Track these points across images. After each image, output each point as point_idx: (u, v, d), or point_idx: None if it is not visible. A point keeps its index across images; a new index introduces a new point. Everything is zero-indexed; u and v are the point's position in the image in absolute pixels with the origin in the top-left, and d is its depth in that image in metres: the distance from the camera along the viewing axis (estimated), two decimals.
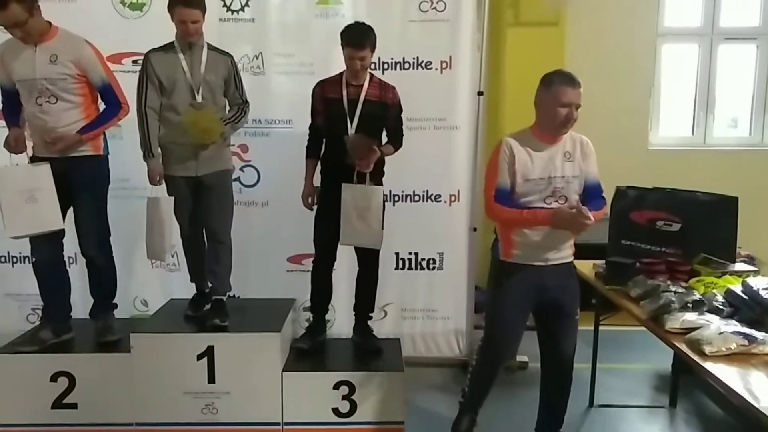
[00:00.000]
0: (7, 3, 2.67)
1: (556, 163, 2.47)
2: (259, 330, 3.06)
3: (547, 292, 2.54)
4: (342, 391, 3.01)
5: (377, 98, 3.05)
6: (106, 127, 3.02)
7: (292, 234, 3.73)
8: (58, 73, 2.83)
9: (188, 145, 2.97)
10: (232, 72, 3.08)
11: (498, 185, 2.47)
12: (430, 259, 3.80)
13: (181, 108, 2.96)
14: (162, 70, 2.96)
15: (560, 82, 2.39)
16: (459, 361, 3.86)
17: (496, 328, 2.67)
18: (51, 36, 2.86)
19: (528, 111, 3.89)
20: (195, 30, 2.90)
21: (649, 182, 3.28)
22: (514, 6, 4.39)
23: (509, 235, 2.54)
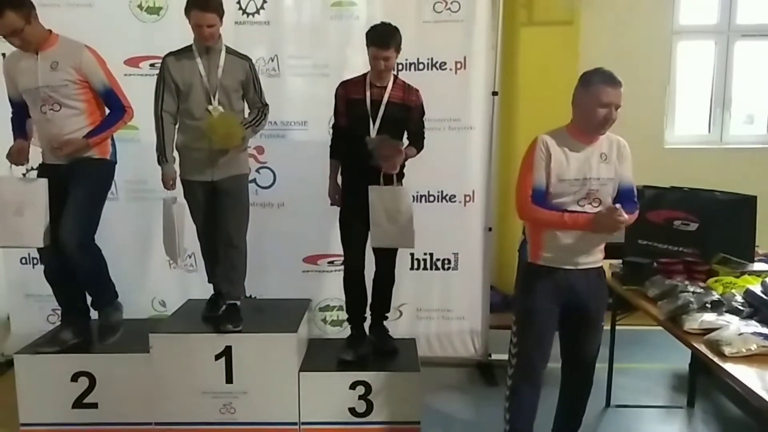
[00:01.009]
0: (2, 11, 2.66)
1: (592, 164, 2.39)
2: (275, 330, 3.09)
3: (575, 296, 2.45)
4: (358, 391, 3.03)
5: (400, 100, 3.03)
6: (112, 131, 2.99)
7: (308, 235, 3.77)
8: (59, 80, 2.82)
9: (205, 149, 2.96)
10: (250, 75, 3.05)
11: (534, 185, 2.38)
12: (445, 260, 3.80)
13: (198, 113, 2.95)
14: (178, 74, 2.95)
15: (600, 81, 2.31)
16: (474, 361, 3.86)
17: (528, 334, 2.53)
18: (51, 43, 2.85)
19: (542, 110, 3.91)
20: (211, 34, 2.88)
21: (665, 181, 3.27)
22: (527, 5, 4.37)
23: (539, 237, 2.46)
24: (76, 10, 3.55)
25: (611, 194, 2.43)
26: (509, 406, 2.60)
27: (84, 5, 3.56)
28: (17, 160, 2.91)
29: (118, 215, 3.68)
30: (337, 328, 3.88)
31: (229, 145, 2.93)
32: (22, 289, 3.80)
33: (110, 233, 3.70)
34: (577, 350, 2.59)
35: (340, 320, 3.88)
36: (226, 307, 3.14)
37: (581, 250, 2.44)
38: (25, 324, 3.71)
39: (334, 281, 3.79)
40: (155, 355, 3.02)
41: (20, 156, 2.91)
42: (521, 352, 2.56)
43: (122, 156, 3.49)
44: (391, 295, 3.27)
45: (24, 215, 2.84)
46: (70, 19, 3.53)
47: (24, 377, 3.06)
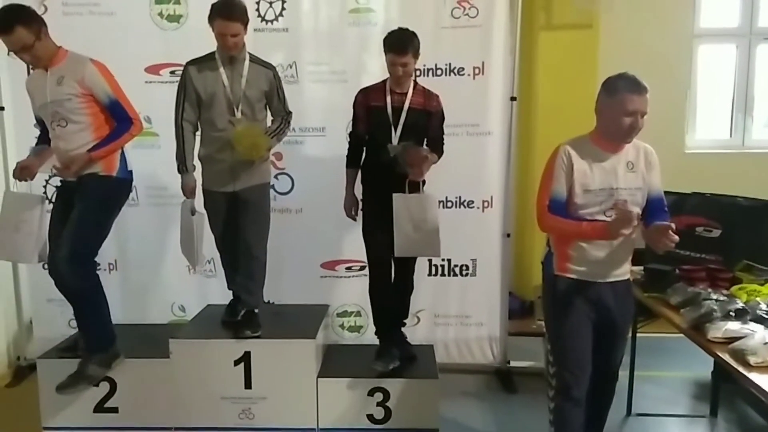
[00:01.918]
0: (12, 27, 2.62)
1: (618, 173, 2.29)
2: (294, 336, 3.09)
3: (605, 310, 2.36)
4: (377, 397, 3.02)
5: (421, 106, 2.99)
6: (119, 144, 2.84)
7: (326, 240, 3.78)
8: (64, 95, 2.75)
9: (227, 160, 2.93)
10: (274, 84, 3.02)
11: (553, 195, 2.30)
12: (463, 266, 3.79)
13: (220, 123, 2.92)
14: (200, 83, 2.91)
15: (625, 88, 2.20)
16: (493, 368, 3.84)
17: (567, 353, 2.39)
18: (60, 59, 2.78)
19: (561, 115, 3.89)
20: (235, 44, 2.83)
21: (686, 186, 3.23)
22: (546, 9, 4.35)
23: (565, 249, 2.36)
24: (98, 18, 3.61)
25: (640, 204, 2.31)
26: (556, 430, 2.48)
27: (106, 13, 3.61)
28: (20, 175, 2.87)
29: (138, 221, 3.73)
30: (355, 333, 3.89)
31: (254, 157, 2.90)
32: (44, 294, 3.84)
33: (130, 238, 3.79)
34: (602, 361, 2.46)
35: (357, 326, 3.89)
36: (244, 313, 3.14)
37: (611, 263, 2.34)
38: (47, 328, 3.76)
39: (351, 287, 3.80)
40: (175, 360, 3.04)
41: (23, 173, 2.86)
42: (562, 373, 2.41)
43: (142, 162, 3.54)
44: (409, 301, 3.24)
45: (20, 231, 2.84)
46: (93, 27, 3.61)
47: (46, 381, 3.08)
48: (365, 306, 3.52)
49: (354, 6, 3.62)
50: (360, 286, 3.59)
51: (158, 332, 3.31)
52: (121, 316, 3.37)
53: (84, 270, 2.80)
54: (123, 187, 2.95)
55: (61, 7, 3.60)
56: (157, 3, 3.61)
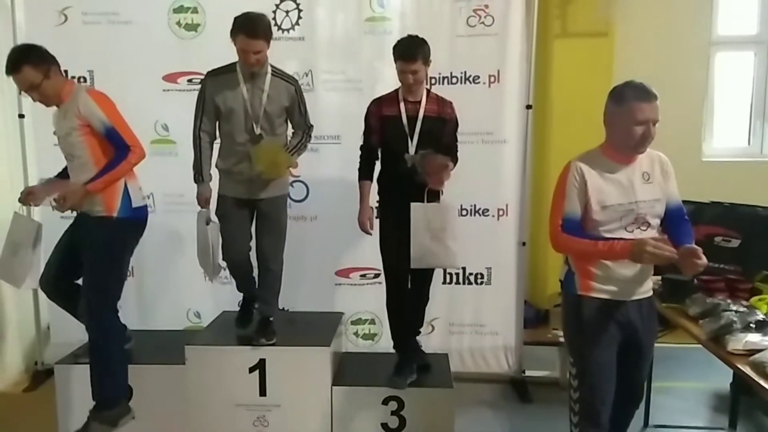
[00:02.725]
0: (20, 66, 2.64)
1: (635, 186, 2.18)
2: (309, 344, 3.10)
3: (632, 330, 2.24)
4: (391, 406, 3.02)
5: (436, 114, 2.95)
6: (116, 174, 2.71)
7: (340, 248, 3.78)
8: (67, 128, 2.72)
9: (245, 172, 2.91)
10: (296, 99, 2.97)
11: (566, 214, 2.19)
12: (478, 274, 3.77)
13: (239, 137, 2.89)
14: (220, 96, 2.87)
15: (634, 97, 2.10)
16: (508, 378, 3.82)
17: (593, 376, 2.25)
18: (68, 95, 2.75)
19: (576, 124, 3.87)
20: (257, 60, 2.77)
21: (703, 195, 3.20)
22: (561, 17, 4.33)
23: (588, 267, 2.23)
24: (117, 27, 3.66)
25: (660, 215, 2.24)
26: None
27: (125, 22, 3.66)
28: (24, 200, 2.89)
29: (154, 227, 3.72)
30: (369, 341, 3.89)
31: (274, 175, 2.88)
32: None
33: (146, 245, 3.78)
34: (627, 380, 2.33)
35: (371, 334, 3.89)
36: (260, 320, 3.14)
37: (635, 280, 2.22)
38: (64, 334, 3.78)
39: (366, 294, 3.80)
40: (190, 367, 3.05)
41: (28, 198, 2.88)
42: (588, 400, 2.28)
43: (160, 169, 3.61)
44: (424, 311, 3.20)
45: (16, 255, 2.83)
46: (112, 36, 3.66)
47: (63, 386, 3.12)
48: (379, 314, 3.51)
49: (370, 14, 3.64)
50: (374, 294, 3.60)
51: (174, 338, 3.33)
52: (137, 322, 3.40)
53: (100, 323, 2.76)
54: (127, 226, 2.83)
55: (80, 16, 3.66)
56: (175, 12, 3.65)
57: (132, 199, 2.81)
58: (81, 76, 3.70)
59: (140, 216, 2.89)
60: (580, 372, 2.30)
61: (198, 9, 3.65)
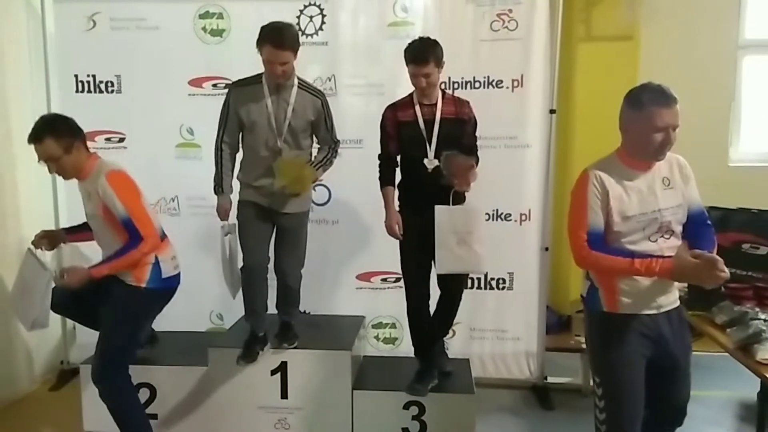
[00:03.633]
0: (42, 138, 2.58)
1: (657, 193, 2.09)
2: (330, 348, 3.11)
3: (663, 343, 2.14)
4: (412, 411, 3.02)
5: (454, 115, 2.88)
6: (123, 262, 2.65)
7: (362, 252, 3.79)
8: (91, 208, 2.71)
9: (266, 186, 2.86)
10: (322, 113, 2.89)
11: (590, 227, 2.07)
12: (500, 279, 3.75)
13: (262, 150, 2.83)
14: (244, 107, 2.80)
15: (652, 102, 1.98)
16: (530, 384, 3.79)
17: (621, 395, 2.15)
18: (89, 171, 2.70)
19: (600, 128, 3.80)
20: (284, 72, 2.69)
21: (730, 201, 3.15)
22: (585, 21, 4.30)
23: (613, 283, 2.13)
24: (144, 32, 3.71)
25: (682, 221, 2.15)
26: None
27: (151, 28, 3.71)
28: (37, 243, 2.86)
29: (178, 230, 3.77)
30: (390, 345, 3.88)
31: (298, 191, 2.80)
32: None
33: None
34: (668, 401, 2.23)
35: (392, 338, 3.88)
36: (281, 324, 3.14)
37: (661, 291, 2.12)
38: (90, 334, 3.81)
39: (387, 298, 3.80)
40: (213, 368, 3.08)
41: (42, 241, 2.86)
42: (614, 422, 2.17)
43: (184, 172, 3.66)
44: (454, 317, 3.09)
45: (24, 297, 2.80)
46: (139, 41, 3.72)
47: (89, 386, 3.15)
48: (400, 318, 3.50)
49: (393, 19, 3.64)
50: (395, 298, 3.59)
51: (196, 340, 3.37)
52: (160, 323, 3.42)
53: (112, 387, 2.74)
54: (155, 297, 2.80)
55: (108, 22, 3.72)
56: (201, 18, 3.70)
57: (162, 270, 2.76)
58: (108, 81, 3.77)
59: (170, 286, 2.84)
60: (608, 393, 2.18)
61: (223, 15, 3.69)
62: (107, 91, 3.78)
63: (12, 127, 3.73)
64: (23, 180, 3.82)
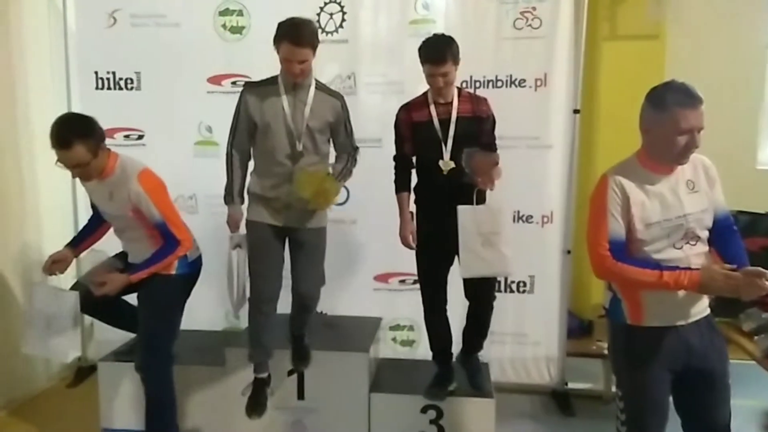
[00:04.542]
0: (71, 143, 2.50)
1: (681, 198, 1.99)
2: (347, 349, 3.08)
3: (694, 356, 2.03)
4: (429, 415, 2.98)
5: (470, 113, 2.75)
6: (161, 266, 2.71)
7: (379, 252, 3.75)
8: (116, 210, 2.68)
9: (281, 198, 2.67)
10: (342, 116, 2.72)
11: (611, 236, 1.97)
12: (521, 282, 3.69)
13: (278, 155, 2.64)
14: (257, 108, 2.63)
15: (676, 102, 1.88)
16: (549, 389, 3.73)
17: (644, 413, 2.07)
18: (110, 171, 2.66)
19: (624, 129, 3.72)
20: (302, 71, 2.53)
21: (758, 205, 3.07)
22: (610, 19, 4.22)
23: (637, 294, 2.03)
24: (165, 29, 3.71)
25: (708, 226, 2.05)
26: None
27: (172, 25, 3.71)
28: (50, 270, 2.79)
29: (196, 228, 3.76)
30: (407, 348, 3.84)
31: (322, 205, 2.61)
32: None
33: None
34: (708, 421, 2.11)
35: (410, 340, 3.84)
36: (293, 340, 2.98)
37: (690, 300, 2.01)
38: (108, 331, 3.83)
39: (404, 300, 3.76)
40: (229, 368, 3.07)
41: (55, 267, 2.80)
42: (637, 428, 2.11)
43: (203, 170, 3.65)
44: (487, 327, 2.97)
45: (51, 327, 2.74)
46: (159, 38, 3.72)
47: (106, 383, 3.18)
48: (418, 320, 3.46)
49: (414, 17, 3.60)
50: (413, 300, 3.53)
51: (212, 339, 3.37)
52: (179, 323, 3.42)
53: (157, 378, 2.79)
54: (184, 282, 2.84)
55: (129, 19, 3.73)
56: (221, 15, 3.69)
57: (188, 255, 2.82)
58: (128, 78, 3.77)
59: (195, 268, 2.90)
60: (630, 408, 2.11)
61: (243, 12, 3.68)
62: (127, 88, 3.78)
63: (33, 124, 3.76)
64: (44, 178, 3.84)
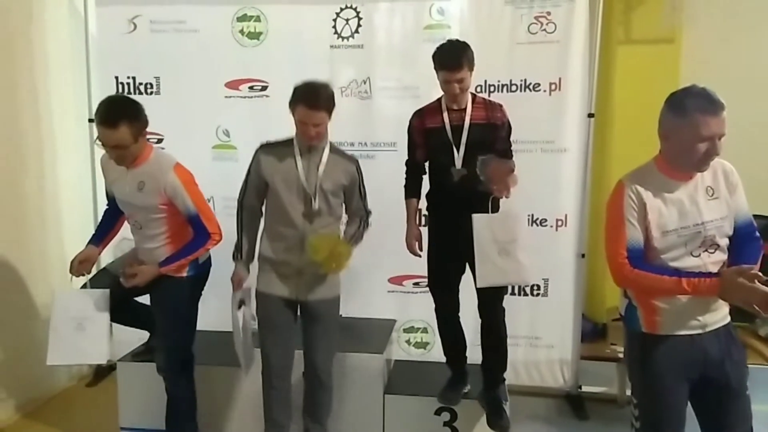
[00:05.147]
0: (118, 123, 2.51)
1: (700, 205, 1.96)
2: (362, 351, 3.10)
3: (711, 365, 2.00)
4: (443, 417, 3.00)
5: (484, 120, 2.72)
6: (191, 258, 2.74)
7: (394, 255, 3.74)
8: (143, 202, 2.67)
9: (293, 263, 2.61)
10: (356, 180, 2.68)
11: (630, 243, 1.96)
12: (535, 285, 3.69)
13: (292, 217, 2.58)
14: (270, 170, 2.59)
15: (696, 108, 1.85)
16: (563, 392, 3.73)
17: (660, 422, 2.05)
18: (143, 159, 2.67)
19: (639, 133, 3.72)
20: (317, 134, 2.50)
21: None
22: (625, 23, 4.22)
23: (651, 302, 2.01)
24: (184, 35, 3.77)
25: (728, 234, 2.02)
26: None
27: (191, 30, 3.76)
28: (78, 270, 2.77)
29: None
30: (421, 350, 3.86)
31: (334, 269, 2.54)
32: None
33: None
34: (726, 430, 2.06)
35: (424, 342, 3.86)
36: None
37: (705, 308, 1.98)
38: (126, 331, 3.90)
39: (419, 302, 3.77)
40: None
41: (82, 267, 2.78)
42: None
43: (220, 173, 3.69)
44: (506, 348, 2.90)
45: (85, 330, 2.72)
46: (178, 44, 3.78)
47: (125, 383, 3.23)
48: (432, 322, 3.45)
49: (429, 22, 3.62)
50: (427, 302, 3.52)
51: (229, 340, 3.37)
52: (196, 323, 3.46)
53: (180, 378, 2.86)
54: (195, 282, 2.86)
55: (149, 24, 3.79)
56: (238, 21, 3.73)
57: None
58: (148, 83, 3.83)
59: (206, 269, 2.92)
60: (645, 416, 2.08)
61: (261, 18, 3.72)
62: (146, 93, 3.84)
63: (55, 127, 3.83)
64: (64, 180, 3.92)
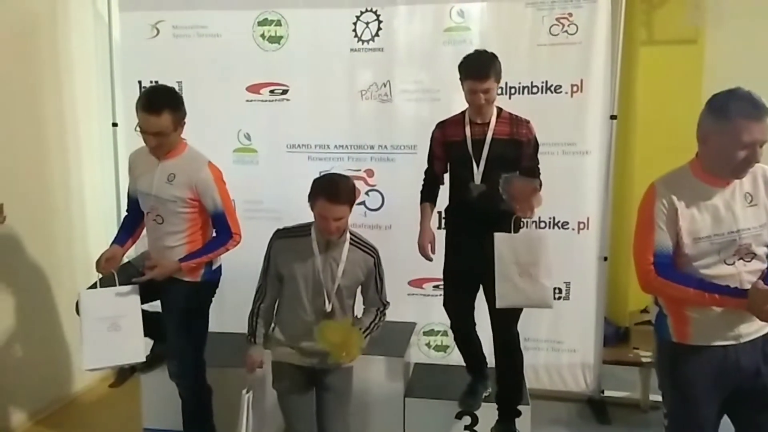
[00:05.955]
0: (161, 110, 2.52)
1: (736, 212, 1.88)
2: (382, 354, 3.10)
3: (746, 377, 1.91)
4: (464, 421, 2.99)
5: (508, 136, 2.66)
6: (212, 257, 2.74)
7: (414, 258, 3.72)
8: (171, 195, 2.64)
9: (307, 348, 2.54)
10: (374, 273, 2.58)
11: (658, 249, 1.90)
12: (556, 289, 3.64)
13: (306, 313, 2.50)
14: (287, 262, 2.50)
15: (740, 112, 1.77)
16: (585, 397, 3.69)
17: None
18: (177, 153, 2.68)
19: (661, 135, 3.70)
20: (337, 228, 2.39)
21: None
22: (647, 24, 4.18)
23: (681, 311, 1.95)
24: (206, 39, 3.80)
25: (766, 242, 1.92)
26: None
27: (213, 35, 3.80)
28: (105, 268, 2.70)
29: None
30: (441, 353, 3.85)
31: (344, 359, 2.45)
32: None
33: None
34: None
35: (444, 345, 3.85)
36: None
37: (741, 319, 1.89)
38: None
39: (439, 305, 3.69)
40: (266, 371, 3.10)
41: (109, 265, 2.71)
42: None
43: (241, 176, 3.71)
44: (522, 376, 2.88)
45: (121, 329, 2.64)
46: (200, 48, 3.81)
47: (148, 384, 3.25)
48: None
49: (449, 24, 3.61)
50: None
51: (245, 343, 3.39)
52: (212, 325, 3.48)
53: (194, 382, 2.86)
54: (208, 288, 2.86)
55: (171, 30, 3.83)
56: (259, 25, 3.76)
57: (212, 262, 2.82)
58: None
59: (218, 276, 2.91)
60: (675, 427, 2.04)
61: (281, 22, 3.74)
62: None
63: (79, 130, 3.89)
64: (89, 183, 3.97)
